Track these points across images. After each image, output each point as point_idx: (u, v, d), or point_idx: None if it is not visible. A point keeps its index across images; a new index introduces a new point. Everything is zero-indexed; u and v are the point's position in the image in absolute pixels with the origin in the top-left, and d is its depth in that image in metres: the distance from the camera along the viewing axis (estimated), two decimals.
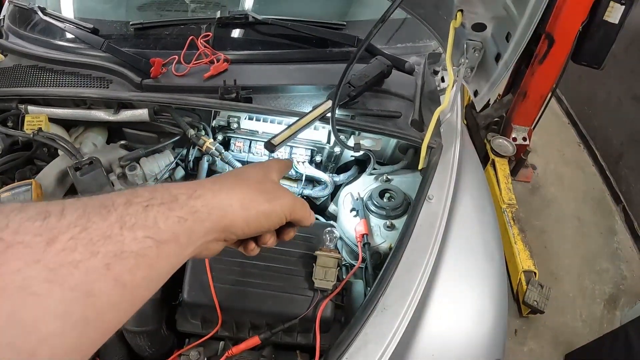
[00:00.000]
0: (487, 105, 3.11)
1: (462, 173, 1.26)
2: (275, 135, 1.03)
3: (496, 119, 3.04)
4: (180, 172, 1.39)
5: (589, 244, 2.85)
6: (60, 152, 1.26)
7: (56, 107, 1.35)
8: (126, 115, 1.30)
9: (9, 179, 1.25)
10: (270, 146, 1.00)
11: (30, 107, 1.35)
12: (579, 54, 2.44)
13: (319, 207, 1.46)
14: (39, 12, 1.55)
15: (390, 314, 0.94)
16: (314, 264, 0.97)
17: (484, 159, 2.96)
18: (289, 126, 1.05)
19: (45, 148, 1.33)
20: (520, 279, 2.36)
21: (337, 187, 1.42)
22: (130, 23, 1.49)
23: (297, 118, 1.09)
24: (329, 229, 1.00)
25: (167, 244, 0.45)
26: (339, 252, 1.02)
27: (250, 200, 0.57)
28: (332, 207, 1.43)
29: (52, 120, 1.33)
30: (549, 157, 3.42)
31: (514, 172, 3.04)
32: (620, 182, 3.14)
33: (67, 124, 1.39)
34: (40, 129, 1.26)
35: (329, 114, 1.06)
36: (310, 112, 1.09)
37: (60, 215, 0.39)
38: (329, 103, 1.03)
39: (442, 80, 1.50)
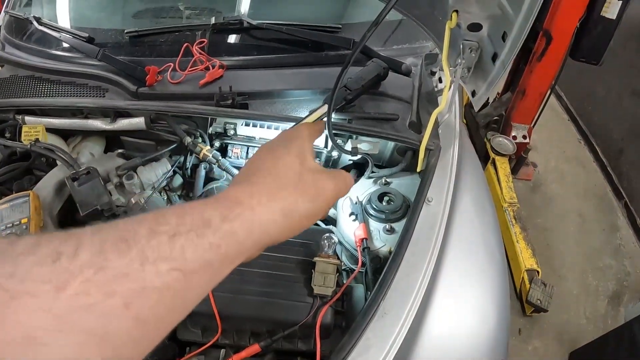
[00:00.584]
0: (486, 103, 3.10)
1: (461, 174, 1.25)
2: None
3: (496, 118, 3.03)
4: (178, 179, 1.39)
5: (591, 241, 2.84)
6: (58, 162, 1.26)
7: (53, 117, 1.36)
8: (123, 124, 1.30)
9: (8, 189, 1.25)
10: None
11: (27, 118, 1.35)
12: (577, 51, 2.43)
13: None
14: (34, 22, 1.55)
15: (391, 318, 0.93)
16: (312, 271, 0.97)
17: (484, 158, 2.95)
18: None
19: (43, 158, 1.33)
20: (523, 277, 2.35)
21: None
22: (125, 31, 1.49)
23: (293, 123, 1.08)
24: (327, 234, 1.00)
25: (197, 273, 0.42)
26: (338, 258, 1.01)
27: (293, 205, 0.53)
28: (331, 211, 1.42)
29: (50, 130, 1.33)
30: (549, 155, 3.41)
31: (514, 171, 3.03)
32: (622, 177, 3.13)
33: (65, 134, 1.39)
34: (37, 140, 1.26)
35: (325, 118, 1.05)
36: (306, 116, 1.09)
37: (73, 255, 0.36)
38: (325, 107, 1.02)
39: (440, 80, 1.49)
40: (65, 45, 1.49)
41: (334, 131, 1.21)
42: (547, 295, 2.27)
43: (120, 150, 1.36)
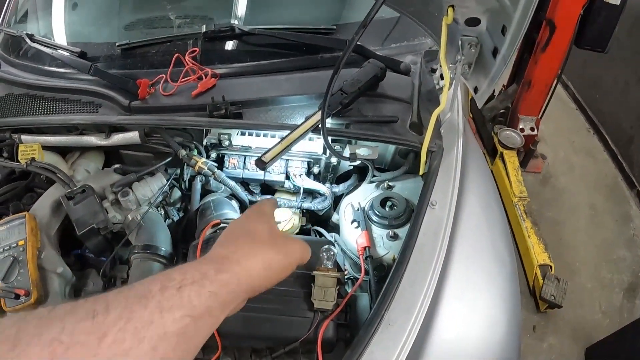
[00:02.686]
0: (492, 97, 3.05)
1: (466, 174, 1.21)
2: (266, 152, 0.99)
3: (502, 111, 2.98)
4: (177, 193, 1.37)
5: (604, 233, 2.78)
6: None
7: (49, 134, 1.34)
8: (117, 139, 1.28)
9: (7, 210, 1.23)
10: (261, 164, 0.96)
11: (23, 137, 1.34)
12: (582, 39, 2.37)
13: (322, 218, 1.42)
14: (27, 39, 1.53)
15: (396, 330, 0.90)
16: (312, 285, 0.93)
17: (492, 152, 2.90)
18: (280, 141, 1.02)
19: (42, 176, 1.32)
20: (535, 273, 2.31)
21: (340, 197, 1.39)
22: (117, 44, 1.47)
23: (288, 131, 1.06)
24: (326, 246, 0.96)
25: (202, 317, 0.50)
26: (339, 269, 0.98)
27: (271, 259, 0.64)
28: (335, 217, 1.39)
29: (47, 147, 1.32)
30: (558, 146, 3.34)
31: (523, 164, 2.98)
32: (633, 166, 3.06)
33: (63, 150, 1.37)
34: (33, 159, 1.25)
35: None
36: (302, 124, 1.06)
37: (105, 312, 0.45)
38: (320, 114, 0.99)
39: (442, 78, 1.45)
40: (58, 61, 1.47)
41: (331, 137, 1.18)
42: (560, 290, 2.22)
43: (117, 166, 1.34)
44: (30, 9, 1.85)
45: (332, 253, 0.95)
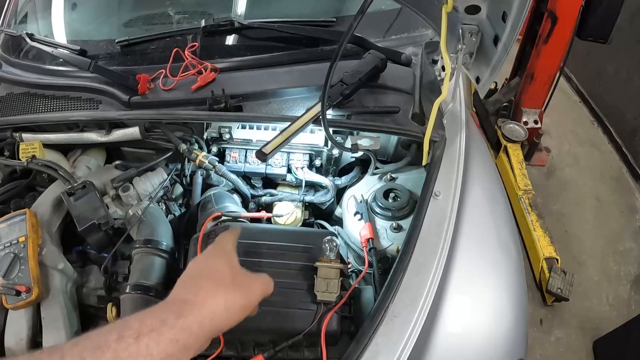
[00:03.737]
0: (495, 90, 3.04)
1: (469, 165, 1.20)
2: (267, 143, 0.98)
3: (505, 104, 2.97)
4: (179, 188, 1.36)
5: (610, 224, 2.76)
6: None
7: (50, 132, 1.34)
8: (118, 134, 1.27)
9: (9, 208, 1.23)
10: (262, 155, 0.96)
11: (24, 135, 1.34)
12: (584, 30, 2.34)
13: (325, 212, 1.41)
14: (27, 39, 1.53)
15: (400, 322, 0.88)
16: (315, 276, 0.92)
17: (496, 146, 2.89)
18: (281, 132, 1.01)
19: (44, 174, 1.31)
20: (542, 266, 2.29)
21: (343, 190, 1.38)
22: (116, 41, 1.46)
23: (288, 123, 1.05)
24: (328, 237, 0.95)
25: None
26: (342, 261, 0.97)
27: (231, 300, 0.65)
28: (338, 211, 1.38)
29: (49, 145, 1.32)
30: (562, 138, 3.32)
31: (527, 157, 2.96)
32: (638, 157, 3.04)
33: (65, 148, 1.37)
34: (34, 156, 1.25)
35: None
36: (302, 116, 1.05)
37: None
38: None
39: (443, 69, 1.44)
40: (58, 59, 1.47)
41: (332, 128, 1.17)
42: (567, 283, 2.20)
43: (118, 162, 1.34)
44: (30, 10, 1.85)
45: (334, 244, 0.94)
